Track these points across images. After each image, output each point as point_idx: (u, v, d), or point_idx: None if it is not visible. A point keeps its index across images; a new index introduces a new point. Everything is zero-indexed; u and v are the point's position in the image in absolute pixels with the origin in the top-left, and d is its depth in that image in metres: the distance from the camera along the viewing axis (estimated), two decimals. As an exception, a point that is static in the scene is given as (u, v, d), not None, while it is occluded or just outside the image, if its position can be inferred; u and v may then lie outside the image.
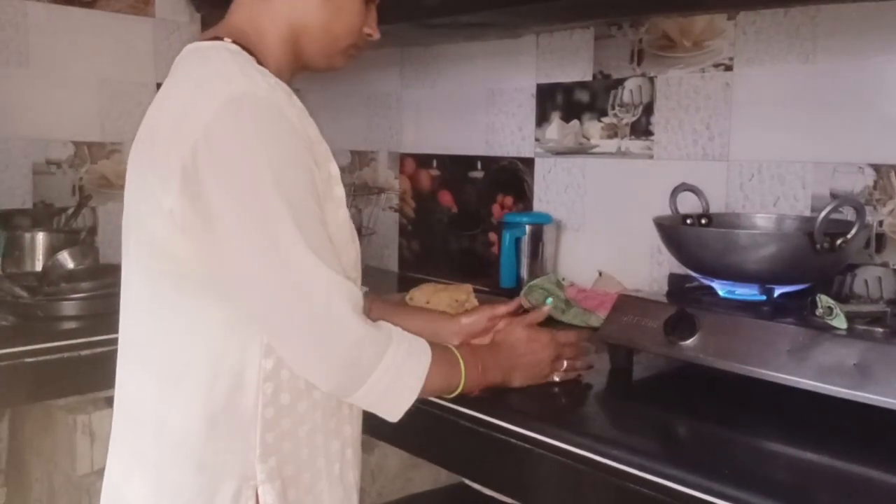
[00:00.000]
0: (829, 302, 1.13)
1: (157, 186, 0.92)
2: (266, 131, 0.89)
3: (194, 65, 0.98)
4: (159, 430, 0.97)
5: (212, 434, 0.95)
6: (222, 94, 0.89)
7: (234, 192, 0.88)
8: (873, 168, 1.48)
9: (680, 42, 1.74)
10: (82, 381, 1.62)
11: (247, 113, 0.89)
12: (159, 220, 0.92)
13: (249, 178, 0.88)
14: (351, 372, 0.92)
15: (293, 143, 0.91)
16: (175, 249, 0.93)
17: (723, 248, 1.28)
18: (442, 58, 2.26)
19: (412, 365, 0.96)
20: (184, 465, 0.96)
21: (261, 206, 0.88)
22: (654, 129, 1.80)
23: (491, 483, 1.30)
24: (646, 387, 1.32)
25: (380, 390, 0.93)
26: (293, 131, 0.92)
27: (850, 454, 1.02)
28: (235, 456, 0.95)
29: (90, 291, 1.79)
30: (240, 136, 0.88)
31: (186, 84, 0.96)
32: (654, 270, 1.79)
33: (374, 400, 0.95)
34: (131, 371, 1.03)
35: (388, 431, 1.17)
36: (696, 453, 1.07)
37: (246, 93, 0.90)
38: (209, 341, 0.95)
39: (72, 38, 2.19)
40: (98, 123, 2.25)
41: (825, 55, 1.53)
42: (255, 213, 0.88)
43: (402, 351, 0.95)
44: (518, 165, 2.09)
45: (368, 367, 0.92)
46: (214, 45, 0.99)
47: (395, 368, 0.94)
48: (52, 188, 2.19)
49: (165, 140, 0.92)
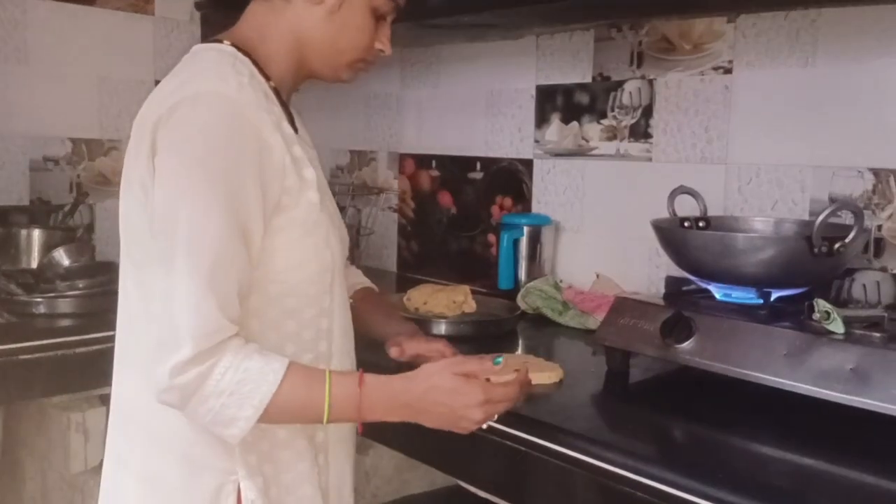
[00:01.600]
0: (826, 306, 1.13)
1: (133, 177, 0.97)
2: (213, 129, 0.91)
3: (185, 65, 1.01)
4: (147, 428, 1.00)
5: (196, 430, 0.96)
6: (189, 89, 0.93)
7: (167, 178, 0.91)
8: (872, 172, 1.48)
9: (679, 45, 1.74)
10: (77, 379, 1.62)
11: (201, 108, 0.91)
12: (134, 206, 0.97)
13: (179, 177, 0.90)
14: (167, 396, 0.90)
15: (242, 145, 0.92)
16: (143, 237, 0.96)
17: (720, 251, 1.28)
18: (442, 59, 2.25)
19: (244, 399, 0.89)
20: (169, 459, 0.99)
21: (178, 210, 0.89)
22: (653, 131, 1.79)
23: (486, 485, 1.29)
24: (642, 390, 1.31)
25: (206, 418, 0.90)
26: (245, 135, 0.92)
27: (847, 459, 1.02)
28: (217, 451, 0.97)
29: (86, 289, 1.78)
30: (186, 129, 0.91)
31: (172, 81, 0.98)
32: (652, 273, 1.78)
33: (207, 423, 0.91)
34: (125, 372, 1.05)
35: (383, 433, 1.17)
36: (692, 457, 1.06)
37: (209, 90, 0.92)
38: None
39: (71, 35, 2.19)
40: (96, 121, 2.25)
41: (825, 59, 1.53)
42: (170, 215, 0.90)
43: (229, 381, 0.89)
44: (517, 167, 2.08)
45: (183, 397, 0.89)
46: (210, 47, 1.02)
47: (219, 398, 0.89)
48: (50, 185, 2.18)
49: (139, 133, 0.96)
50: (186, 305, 0.87)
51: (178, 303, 0.88)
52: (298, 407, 0.94)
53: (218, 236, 0.89)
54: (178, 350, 0.87)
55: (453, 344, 1.53)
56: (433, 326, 1.58)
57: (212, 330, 0.88)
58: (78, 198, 2.17)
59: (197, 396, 0.88)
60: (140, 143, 0.95)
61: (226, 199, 0.90)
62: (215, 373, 0.88)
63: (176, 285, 0.88)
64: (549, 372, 1.28)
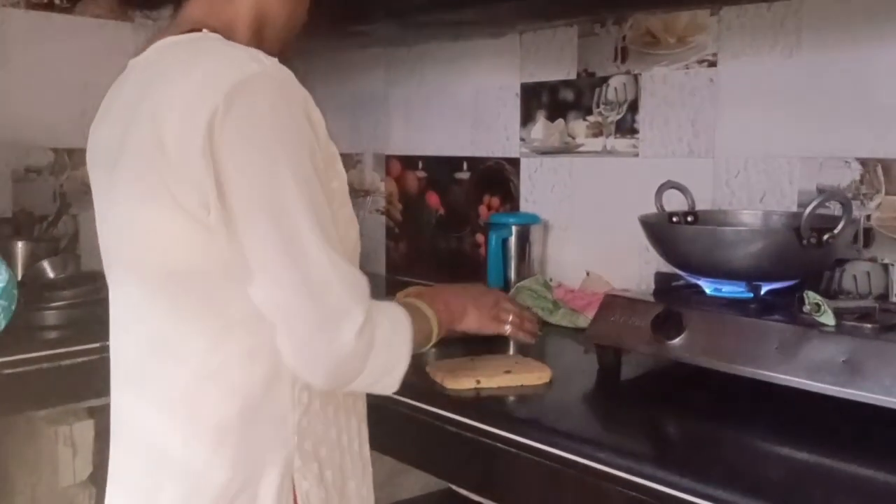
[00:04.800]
0: (816, 298, 1.12)
1: (167, 184, 0.88)
2: (282, 110, 0.89)
3: (187, 55, 0.94)
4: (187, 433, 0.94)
5: (248, 426, 0.93)
6: (232, 76, 0.87)
7: (250, 177, 0.87)
8: (860, 162, 1.47)
9: (664, 38, 1.73)
10: (64, 391, 1.60)
11: (260, 92, 0.87)
12: (172, 218, 0.89)
13: (266, 164, 0.87)
14: (347, 367, 0.92)
15: (305, 119, 0.91)
16: (191, 246, 0.90)
17: (709, 245, 1.27)
18: (426, 58, 2.24)
19: (399, 339, 0.97)
20: (221, 463, 0.93)
21: (279, 195, 0.87)
22: (640, 126, 1.78)
23: (478, 489, 1.28)
24: (634, 387, 1.31)
25: (377, 373, 0.94)
26: (308, 108, 0.92)
27: (841, 452, 1.01)
28: (274, 445, 0.94)
29: (71, 300, 1.76)
30: (254, 118, 0.87)
31: (184, 75, 0.91)
32: (642, 269, 1.77)
33: (371, 383, 0.96)
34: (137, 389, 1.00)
35: (376, 438, 1.16)
36: (685, 454, 1.05)
37: (257, 73, 0.88)
38: (240, 335, 0.93)
39: (51, 43, 2.16)
40: (79, 129, 2.19)
41: (810, 49, 1.52)
42: (273, 203, 0.87)
43: (387, 329, 0.95)
44: (504, 166, 2.07)
45: (363, 358, 0.92)
46: (202, 36, 0.96)
47: (386, 348, 0.94)
48: (33, 196, 2.15)
49: (174, 135, 0.87)
50: (335, 275, 0.89)
51: (325, 277, 0.89)
52: (422, 337, 1.03)
53: (322, 206, 0.90)
54: (349, 317, 0.89)
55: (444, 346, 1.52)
56: (423, 329, 1.57)
57: (363, 287, 0.92)
58: (61, 208, 2.15)
59: (374, 352, 0.91)
60: (182, 152, 0.87)
61: (314, 171, 0.90)
62: (378, 325, 0.92)
63: (312, 264, 0.88)
64: (539, 373, 1.27)
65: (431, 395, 1.23)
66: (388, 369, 0.95)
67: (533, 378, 1.26)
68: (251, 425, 0.93)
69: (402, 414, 1.25)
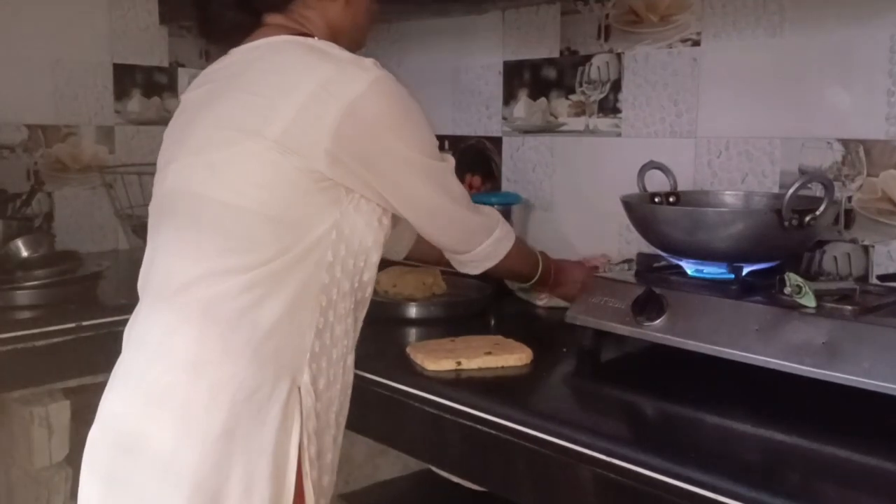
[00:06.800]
0: (797, 280, 1.12)
1: (288, 158, 1.02)
2: (411, 107, 1.14)
3: (304, 53, 1.09)
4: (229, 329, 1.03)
5: (278, 330, 1.03)
6: (367, 75, 1.05)
7: (395, 168, 1.11)
8: (842, 143, 1.47)
9: (646, 17, 1.71)
10: (39, 372, 1.58)
11: (376, 95, 1.06)
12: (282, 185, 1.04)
13: (401, 157, 1.12)
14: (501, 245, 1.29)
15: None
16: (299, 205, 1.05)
17: (690, 226, 1.27)
18: (406, 35, 2.21)
19: (503, 246, 1.29)
20: (249, 360, 1.02)
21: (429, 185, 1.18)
22: (622, 106, 1.77)
23: (457, 470, 1.28)
24: (614, 369, 1.30)
25: (481, 257, 1.27)
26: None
27: (820, 434, 1.01)
28: (291, 359, 1.05)
29: (46, 279, 1.73)
30: (379, 121, 1.07)
31: (309, 69, 1.05)
32: (623, 249, 1.77)
33: (468, 259, 1.28)
34: (182, 328, 1.05)
35: (354, 420, 1.15)
36: (664, 436, 1.05)
37: (385, 74, 1.09)
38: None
39: (24, 17, 2.11)
40: (52, 105, 2.18)
41: (792, 28, 1.51)
42: (425, 191, 1.18)
43: (501, 234, 1.28)
44: (486, 144, 2.05)
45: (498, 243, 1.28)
46: (319, 41, 1.13)
47: (494, 244, 1.27)
48: (6, 173, 2.11)
49: (305, 114, 1.02)
50: (478, 216, 1.25)
51: (474, 218, 1.24)
52: (522, 264, 1.41)
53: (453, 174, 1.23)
54: (493, 230, 1.26)
55: (424, 327, 1.52)
56: (403, 309, 1.56)
57: (496, 215, 1.30)
58: (35, 186, 2.11)
59: (503, 245, 1.28)
60: (308, 132, 1.02)
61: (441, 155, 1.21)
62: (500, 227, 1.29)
63: (464, 218, 1.23)
64: (519, 354, 1.26)
65: (411, 375, 1.23)
66: (497, 257, 1.28)
67: (513, 359, 1.25)
68: (285, 326, 1.04)
69: (381, 395, 1.24)
